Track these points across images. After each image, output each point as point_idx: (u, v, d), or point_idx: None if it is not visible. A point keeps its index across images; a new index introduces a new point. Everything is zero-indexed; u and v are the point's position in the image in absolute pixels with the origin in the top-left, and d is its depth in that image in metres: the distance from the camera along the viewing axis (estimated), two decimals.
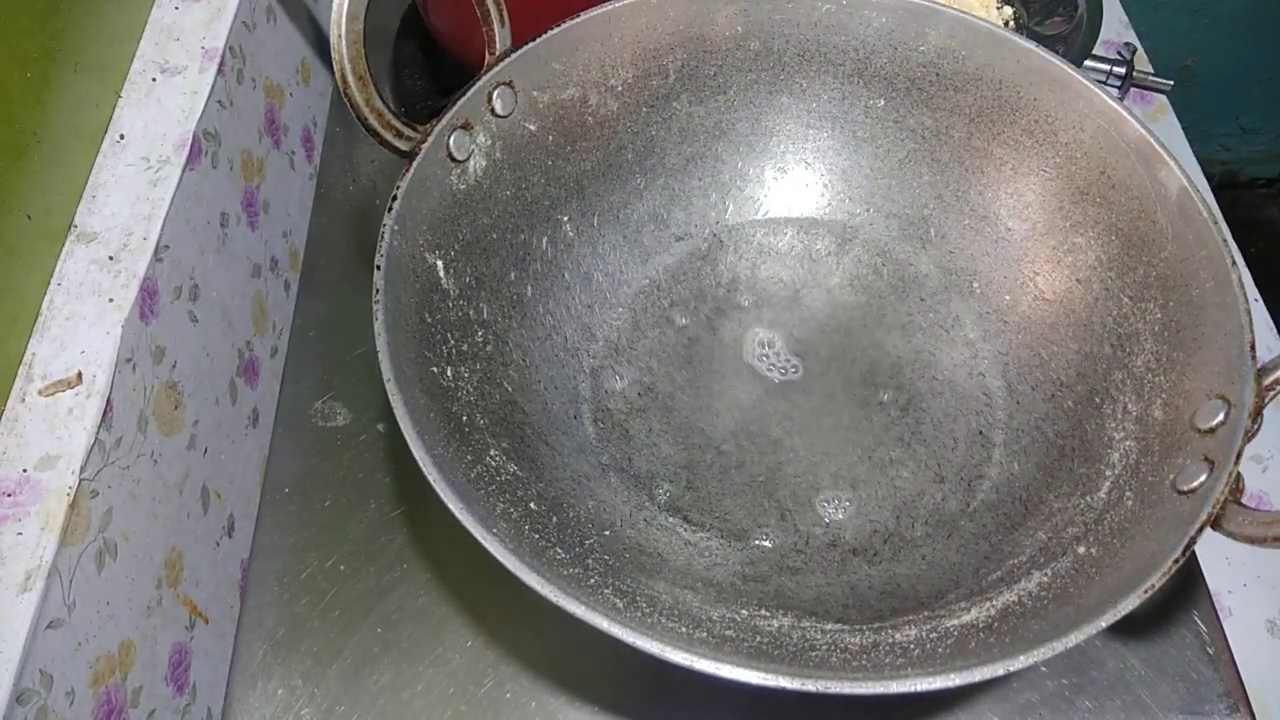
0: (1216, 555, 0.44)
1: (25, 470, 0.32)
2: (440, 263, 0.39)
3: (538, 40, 0.41)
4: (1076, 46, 0.53)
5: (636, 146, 0.46)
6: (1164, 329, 0.37)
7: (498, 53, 0.41)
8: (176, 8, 0.46)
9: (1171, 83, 0.55)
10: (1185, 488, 0.31)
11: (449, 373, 0.37)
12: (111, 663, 0.33)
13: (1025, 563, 0.35)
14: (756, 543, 0.40)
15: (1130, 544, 0.32)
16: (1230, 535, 0.30)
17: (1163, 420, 0.35)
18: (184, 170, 0.40)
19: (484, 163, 0.41)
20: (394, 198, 0.36)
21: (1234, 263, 0.34)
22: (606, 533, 0.37)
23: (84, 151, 0.39)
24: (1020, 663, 0.27)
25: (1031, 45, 0.41)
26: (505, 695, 0.40)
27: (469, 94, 0.39)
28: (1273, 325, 0.51)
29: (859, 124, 0.47)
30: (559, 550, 0.33)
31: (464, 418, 0.36)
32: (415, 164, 0.37)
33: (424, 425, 0.32)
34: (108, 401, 0.33)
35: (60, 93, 0.37)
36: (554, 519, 0.35)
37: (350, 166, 0.58)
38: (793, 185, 0.48)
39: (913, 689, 0.26)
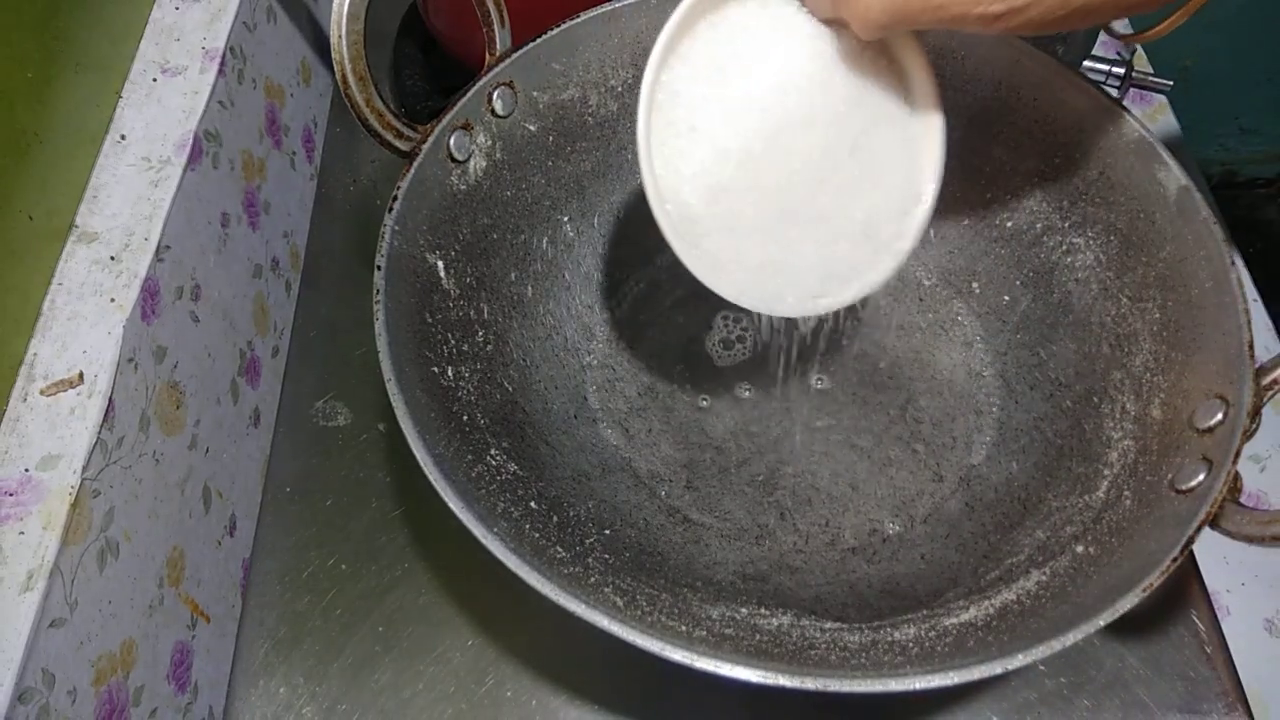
0: (1215, 554, 0.44)
1: (27, 470, 0.32)
2: (441, 263, 0.39)
3: (538, 41, 0.41)
4: (1076, 46, 0.53)
5: (636, 147, 0.46)
6: (1162, 329, 0.37)
7: (498, 53, 0.41)
8: (177, 8, 0.46)
9: (1171, 83, 0.55)
10: (1183, 487, 0.32)
11: (449, 372, 0.37)
12: (113, 661, 0.33)
13: (1024, 562, 0.35)
14: (756, 541, 0.40)
15: (1128, 543, 0.32)
16: (1228, 534, 0.30)
17: (1161, 420, 0.35)
18: (185, 170, 0.40)
19: (484, 163, 0.41)
20: (394, 198, 0.36)
21: (1232, 263, 0.34)
22: (607, 531, 0.37)
23: (85, 152, 0.39)
24: (1019, 661, 0.27)
25: (1030, 45, 0.41)
26: (506, 694, 0.40)
27: (469, 94, 0.39)
28: (1271, 325, 0.51)
29: None
30: (559, 549, 0.33)
31: (464, 417, 0.36)
32: (416, 164, 0.37)
33: (425, 425, 0.32)
34: (109, 401, 0.33)
35: (61, 93, 0.37)
36: (554, 518, 0.35)
37: (351, 167, 0.58)
38: None
39: (911, 688, 0.27)
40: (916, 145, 0.33)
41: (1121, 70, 0.54)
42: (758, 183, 0.33)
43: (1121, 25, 0.67)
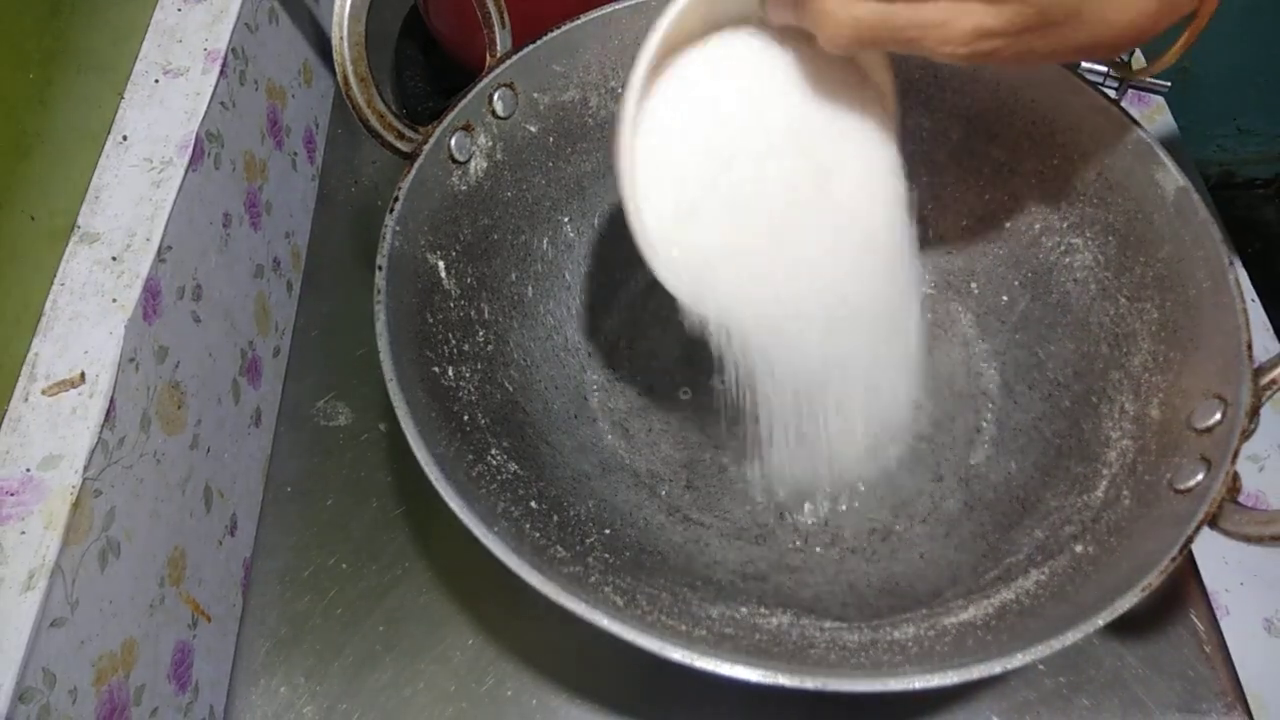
0: (1213, 554, 0.44)
1: (28, 469, 0.32)
2: (442, 263, 0.39)
3: (538, 42, 0.41)
4: None
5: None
6: (1161, 329, 0.37)
7: (498, 55, 0.41)
8: (179, 9, 0.46)
9: (1169, 84, 0.55)
10: (1182, 487, 0.32)
11: (450, 372, 0.37)
12: (114, 661, 0.33)
13: (1023, 561, 0.35)
14: (755, 541, 0.40)
15: (1127, 543, 0.32)
16: (1227, 534, 0.30)
17: (1160, 419, 0.35)
18: (187, 171, 0.40)
19: (485, 164, 0.41)
20: (395, 199, 0.36)
21: (1231, 263, 0.34)
22: (607, 531, 0.37)
23: (87, 152, 0.39)
24: (1018, 661, 0.27)
25: None
26: (506, 693, 0.40)
27: (470, 96, 0.39)
28: (1269, 325, 0.51)
29: None
30: (559, 549, 0.33)
31: (465, 417, 0.36)
32: (417, 165, 0.37)
33: (425, 424, 0.32)
34: (111, 401, 0.33)
35: (63, 94, 0.38)
36: (555, 518, 0.35)
37: (352, 168, 0.58)
38: None
39: (910, 687, 0.27)
40: (882, 163, 0.34)
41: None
42: (735, 210, 0.33)
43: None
